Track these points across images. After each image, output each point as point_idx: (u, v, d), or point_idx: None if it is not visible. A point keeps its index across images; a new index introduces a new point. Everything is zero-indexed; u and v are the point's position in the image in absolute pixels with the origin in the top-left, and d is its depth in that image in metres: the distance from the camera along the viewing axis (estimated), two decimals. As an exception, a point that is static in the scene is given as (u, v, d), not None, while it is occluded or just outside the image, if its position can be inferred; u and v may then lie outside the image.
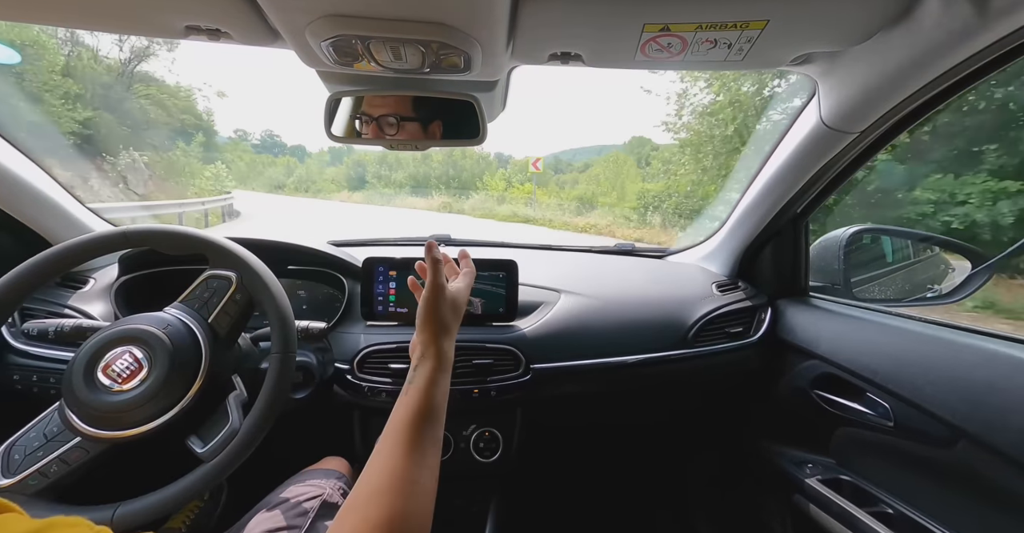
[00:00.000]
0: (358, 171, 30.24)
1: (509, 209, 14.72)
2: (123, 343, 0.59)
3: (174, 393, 0.59)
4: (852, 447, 0.91)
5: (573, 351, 0.95)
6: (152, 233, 0.65)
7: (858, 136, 0.80)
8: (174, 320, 0.62)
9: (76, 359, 0.58)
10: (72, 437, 0.56)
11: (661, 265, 1.32)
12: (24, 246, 0.90)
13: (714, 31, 0.58)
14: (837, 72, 0.72)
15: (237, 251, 0.65)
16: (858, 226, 1.07)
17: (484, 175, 24.02)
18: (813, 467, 0.95)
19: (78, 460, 0.56)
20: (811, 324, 1.01)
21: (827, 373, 0.93)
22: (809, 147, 0.87)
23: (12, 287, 0.59)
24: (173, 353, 0.59)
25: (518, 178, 21.44)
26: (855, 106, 0.74)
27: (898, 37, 0.59)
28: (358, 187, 28.85)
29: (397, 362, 0.88)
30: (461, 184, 24.88)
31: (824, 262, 1.08)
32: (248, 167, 36.98)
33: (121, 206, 7.01)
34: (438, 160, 27.66)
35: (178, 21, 0.57)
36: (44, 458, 0.55)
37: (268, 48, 0.65)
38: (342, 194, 26.07)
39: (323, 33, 0.54)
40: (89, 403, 0.56)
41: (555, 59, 0.67)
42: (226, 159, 23.26)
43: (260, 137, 63.49)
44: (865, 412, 0.83)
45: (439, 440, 0.47)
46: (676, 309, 1.05)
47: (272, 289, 0.64)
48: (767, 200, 1.02)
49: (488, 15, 0.53)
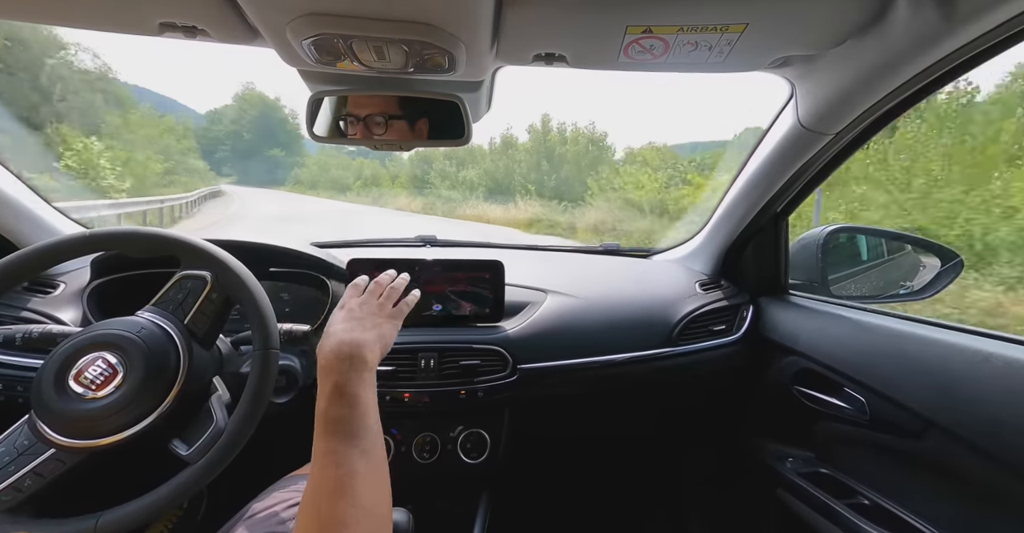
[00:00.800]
0: (422, 168, 23.38)
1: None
2: (95, 349, 0.57)
3: (153, 398, 0.57)
4: (831, 441, 0.94)
5: (560, 351, 0.96)
6: (119, 235, 0.63)
7: (834, 137, 0.83)
8: (148, 323, 0.60)
9: (45, 366, 0.56)
10: (45, 449, 0.54)
11: (646, 265, 1.34)
12: None
13: (695, 33, 0.59)
14: (813, 75, 0.74)
15: (210, 250, 0.64)
16: (835, 225, 1.10)
17: (599, 170, 13.71)
18: (794, 461, 0.98)
19: (54, 472, 0.54)
20: (791, 321, 1.03)
21: (806, 369, 0.95)
22: (787, 148, 0.89)
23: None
24: (149, 357, 0.57)
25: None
26: (831, 108, 0.76)
27: (870, 42, 0.61)
28: (422, 187, 22.05)
29: (383, 364, 0.85)
30: (557, 188, 14.93)
31: (803, 260, 1.10)
32: (319, 169, 33.80)
33: (90, 204, 6.72)
34: (524, 148, 18.47)
35: (152, 18, 0.56)
36: (16, 472, 0.52)
37: (248, 47, 0.64)
38: (401, 199, 19.74)
39: (304, 32, 0.54)
40: (61, 412, 0.54)
41: (539, 60, 0.68)
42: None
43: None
44: (842, 406, 0.86)
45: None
46: (661, 308, 1.06)
47: (250, 286, 0.62)
48: (748, 199, 1.04)
49: (472, 15, 0.53)
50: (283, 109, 55.46)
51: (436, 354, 0.89)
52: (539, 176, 16.79)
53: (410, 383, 0.88)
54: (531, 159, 17.85)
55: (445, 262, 0.96)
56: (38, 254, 0.60)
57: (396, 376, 0.87)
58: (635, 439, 1.29)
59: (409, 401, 0.87)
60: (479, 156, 20.11)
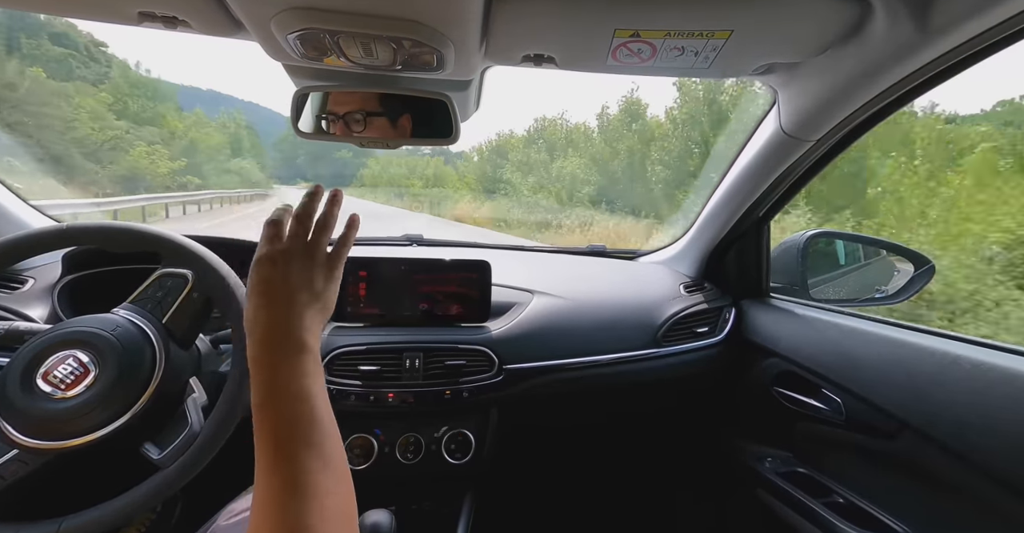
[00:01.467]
0: (494, 162, 17.05)
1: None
2: (66, 347, 0.55)
3: (125, 398, 0.55)
4: (808, 441, 0.96)
5: (546, 351, 0.96)
6: (96, 229, 0.61)
7: (815, 144, 0.85)
8: (123, 321, 0.59)
9: (11, 365, 0.54)
10: (7, 450, 0.52)
11: (632, 266, 1.35)
12: None
13: (682, 39, 0.60)
14: (796, 82, 0.75)
15: (192, 247, 0.62)
16: (815, 230, 1.12)
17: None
18: (773, 461, 0.99)
19: (15, 474, 0.52)
20: (772, 323, 1.05)
21: (786, 370, 0.97)
22: (769, 153, 0.91)
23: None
24: (123, 355, 0.56)
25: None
26: (811, 115, 0.78)
27: (851, 51, 0.63)
28: (493, 190, 15.69)
29: (367, 363, 0.86)
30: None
31: (784, 264, 1.12)
32: (381, 168, 31.01)
33: (68, 203, 6.55)
34: (677, 120, 9.60)
35: (130, 6, 0.54)
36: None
37: (230, 39, 0.63)
38: (463, 204, 14.47)
39: (289, 26, 0.53)
40: (27, 412, 0.52)
41: (528, 60, 0.68)
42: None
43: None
44: (820, 407, 0.88)
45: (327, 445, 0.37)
46: (646, 310, 1.07)
47: (231, 286, 0.61)
48: (731, 204, 1.06)
49: (461, 14, 0.52)
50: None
51: (421, 354, 0.88)
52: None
53: (395, 383, 0.87)
54: (691, 134, 9.02)
55: (432, 262, 0.95)
56: (11, 246, 0.58)
57: (380, 376, 0.86)
58: (618, 439, 1.30)
59: (393, 401, 0.86)
60: (582, 137, 12.10)
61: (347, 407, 0.84)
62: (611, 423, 1.22)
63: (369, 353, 0.87)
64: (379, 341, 0.89)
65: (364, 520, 0.72)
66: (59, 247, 0.61)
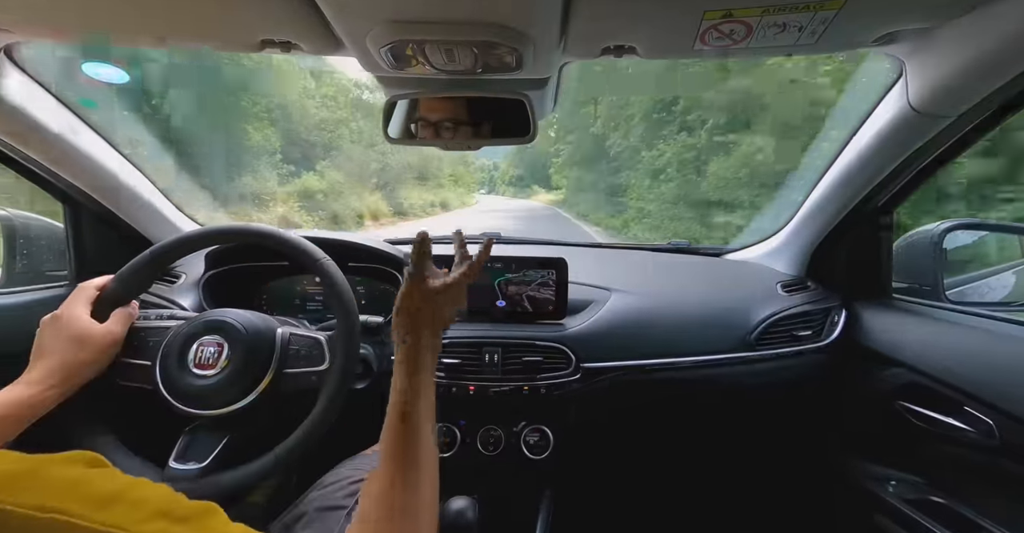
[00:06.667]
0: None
1: None
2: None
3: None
4: (945, 465, 0.82)
5: (625, 350, 0.93)
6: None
7: (954, 122, 0.72)
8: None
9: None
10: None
11: (719, 263, 1.26)
12: (131, 242, 1.03)
13: (783, 14, 0.54)
14: (929, 50, 0.64)
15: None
16: (953, 221, 0.95)
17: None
18: (897, 485, 0.87)
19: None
20: (896, 328, 0.92)
21: (914, 382, 0.84)
22: (894, 134, 0.79)
23: (174, 246, 0.70)
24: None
25: None
26: (950, 87, 0.66)
27: (1002, 9, 0.52)
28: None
29: (450, 357, 0.90)
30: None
31: (910, 261, 0.97)
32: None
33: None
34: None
35: (255, 36, 0.62)
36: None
37: (333, 56, 0.70)
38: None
39: (383, 39, 0.57)
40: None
41: (608, 53, 0.66)
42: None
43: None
44: (962, 428, 0.74)
45: (422, 453, 0.48)
46: (736, 310, 0.99)
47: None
48: (843, 192, 0.93)
49: (541, 12, 0.53)
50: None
51: (500, 349, 0.91)
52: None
53: (475, 376, 0.90)
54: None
55: (510, 259, 0.97)
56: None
57: (461, 369, 0.90)
58: (707, 448, 1.22)
59: (474, 394, 0.90)
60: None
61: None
62: (699, 430, 1.15)
63: (450, 347, 0.91)
64: (459, 336, 0.92)
65: (449, 505, 0.76)
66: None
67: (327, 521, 0.65)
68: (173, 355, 0.64)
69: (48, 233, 1.00)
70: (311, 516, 0.66)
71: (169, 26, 0.62)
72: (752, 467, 1.23)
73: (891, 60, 0.71)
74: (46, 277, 0.98)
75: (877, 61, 0.81)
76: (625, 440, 1.15)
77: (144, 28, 0.63)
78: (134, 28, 0.63)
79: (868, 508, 0.88)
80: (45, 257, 0.99)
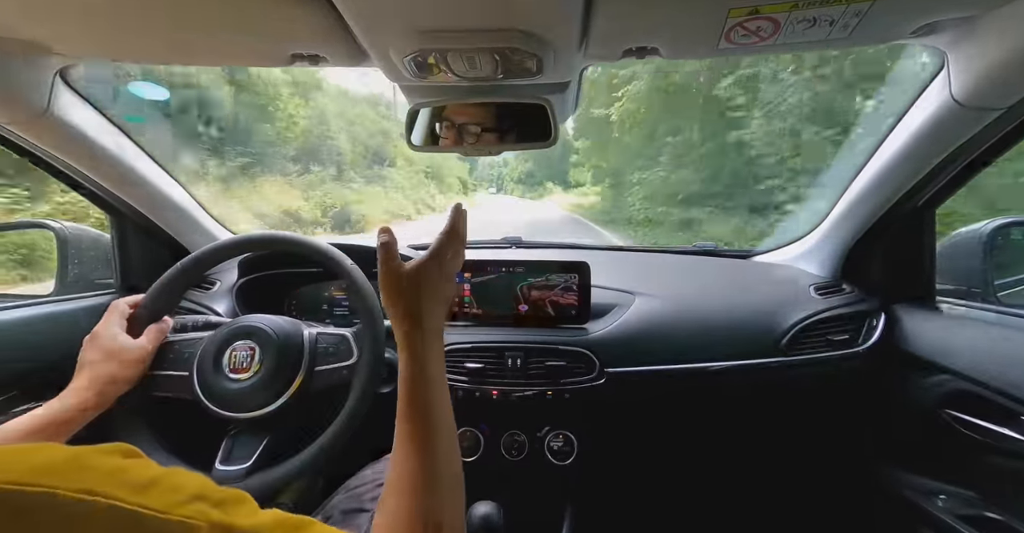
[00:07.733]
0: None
1: None
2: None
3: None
4: (1003, 480, 0.77)
5: (650, 355, 0.91)
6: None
7: (1003, 115, 0.68)
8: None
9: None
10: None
11: (747, 266, 1.22)
12: (172, 251, 1.08)
13: (813, 8, 0.52)
14: (972, 40, 0.61)
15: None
16: (1005, 218, 0.90)
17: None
18: (947, 499, 0.82)
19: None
20: (941, 333, 0.87)
21: (964, 390, 0.79)
22: (937, 128, 0.75)
23: (201, 258, 0.73)
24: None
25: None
26: (996, 78, 0.63)
27: None
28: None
29: (472, 361, 0.90)
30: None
31: (956, 262, 0.92)
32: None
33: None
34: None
35: (286, 51, 0.65)
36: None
37: (358, 68, 0.72)
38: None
39: (406, 49, 0.58)
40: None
41: (630, 54, 0.65)
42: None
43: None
44: (1020, 439, 0.70)
45: (437, 426, 0.48)
46: (766, 313, 0.96)
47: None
48: (881, 191, 0.89)
49: (562, 15, 0.53)
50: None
51: (522, 353, 0.90)
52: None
53: (498, 381, 0.90)
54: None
55: (532, 263, 0.97)
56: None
57: (484, 373, 0.90)
58: (736, 454, 1.18)
59: (497, 399, 0.90)
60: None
61: (454, 402, 0.90)
62: (728, 436, 1.11)
63: (474, 351, 0.92)
64: (482, 340, 0.93)
65: (474, 510, 0.76)
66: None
67: (352, 523, 0.66)
68: (208, 362, 0.67)
69: (96, 243, 1.06)
70: (336, 518, 0.68)
71: (208, 46, 0.66)
72: (784, 477, 1.19)
73: (931, 52, 0.68)
74: (95, 285, 1.04)
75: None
76: (651, 446, 1.12)
77: (185, 48, 0.67)
78: (175, 48, 0.67)
79: (910, 520, 0.83)
80: (94, 266, 1.05)
